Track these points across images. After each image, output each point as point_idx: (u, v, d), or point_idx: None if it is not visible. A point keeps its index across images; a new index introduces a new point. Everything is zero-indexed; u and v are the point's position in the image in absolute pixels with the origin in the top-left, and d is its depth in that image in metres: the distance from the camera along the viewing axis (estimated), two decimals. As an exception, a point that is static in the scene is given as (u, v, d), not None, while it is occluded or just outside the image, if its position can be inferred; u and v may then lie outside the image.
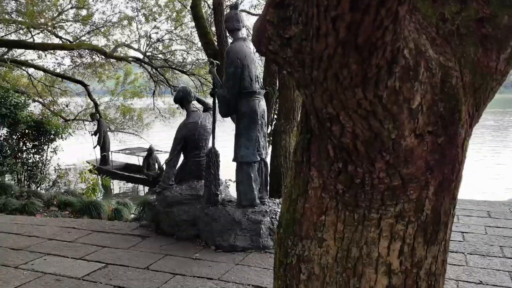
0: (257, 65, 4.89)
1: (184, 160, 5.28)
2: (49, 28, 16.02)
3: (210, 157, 4.85)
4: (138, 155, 15.80)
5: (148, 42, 17.52)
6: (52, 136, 8.74)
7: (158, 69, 16.50)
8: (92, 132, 16.14)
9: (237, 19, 4.80)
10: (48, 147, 8.86)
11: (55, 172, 9.33)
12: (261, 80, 4.93)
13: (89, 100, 19.51)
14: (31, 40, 16.80)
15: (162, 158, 15.05)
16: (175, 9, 17.17)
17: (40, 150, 8.78)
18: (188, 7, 16.27)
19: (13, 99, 7.86)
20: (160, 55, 17.55)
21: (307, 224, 1.07)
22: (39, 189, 8.56)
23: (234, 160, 4.88)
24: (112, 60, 18.55)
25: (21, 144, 8.70)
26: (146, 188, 14.75)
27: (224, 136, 8.60)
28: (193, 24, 17.42)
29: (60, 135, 8.71)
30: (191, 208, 4.98)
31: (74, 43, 15.49)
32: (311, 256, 1.07)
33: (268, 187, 5.05)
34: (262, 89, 4.87)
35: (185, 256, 4.38)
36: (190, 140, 5.17)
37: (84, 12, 18.12)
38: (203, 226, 4.81)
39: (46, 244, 4.79)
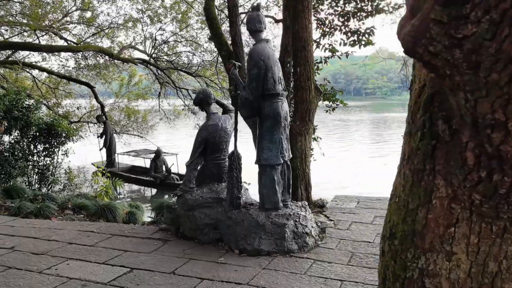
0: (279, 66, 4.84)
1: (204, 162, 5.22)
2: (55, 30, 15.99)
3: (232, 160, 4.79)
4: (144, 157, 15.76)
5: (153, 44, 17.49)
6: (63, 139, 8.68)
7: (164, 70, 16.43)
8: (98, 134, 16.09)
9: (259, 20, 4.76)
10: (59, 150, 8.80)
11: (65, 174, 9.27)
12: (283, 81, 4.87)
13: (93, 102, 19.50)
14: (37, 42, 16.79)
15: (169, 160, 15.01)
16: (181, 10, 17.14)
17: (50, 153, 8.71)
18: (195, 9, 16.30)
19: (25, 101, 7.81)
20: (165, 57, 17.51)
21: (431, 236, 1.01)
22: (49, 191, 8.49)
23: (256, 162, 4.82)
24: (116, 61, 18.55)
25: (32, 146, 8.64)
26: (154, 190, 14.70)
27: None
28: (198, 25, 17.53)
29: (70, 138, 8.66)
30: (212, 212, 4.93)
31: (81, 45, 15.40)
32: (437, 270, 1.00)
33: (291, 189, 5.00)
34: (285, 91, 4.82)
35: (210, 260, 4.32)
36: (210, 142, 5.11)
37: (89, 14, 18.10)
38: (225, 229, 4.75)
39: (67, 248, 4.73)
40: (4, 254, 4.55)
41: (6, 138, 8.11)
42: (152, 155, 15.18)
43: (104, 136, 15.96)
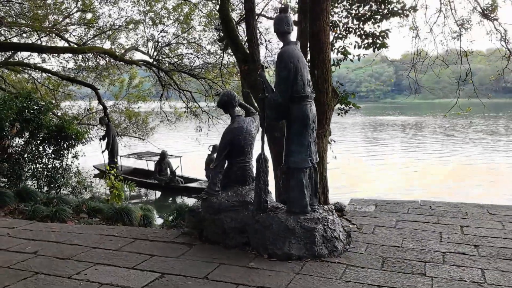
0: (308, 69, 4.80)
1: (229, 165, 5.15)
2: (57, 32, 15.86)
3: (260, 163, 4.73)
4: (147, 160, 15.65)
5: (155, 46, 17.39)
6: (72, 141, 8.57)
7: (168, 72, 16.35)
8: (101, 137, 15.97)
9: (288, 22, 4.72)
10: (68, 152, 8.69)
11: (75, 177, 9.15)
12: (312, 83, 4.82)
13: (92, 104, 19.34)
14: (38, 43, 16.64)
15: (173, 163, 14.92)
16: (183, 12, 17.06)
17: (60, 155, 8.60)
18: (199, 8, 16.21)
19: (37, 103, 7.70)
20: (167, 59, 17.43)
21: None
22: (58, 194, 8.37)
23: (284, 165, 4.78)
24: (117, 63, 18.44)
25: (41, 149, 8.52)
26: (158, 193, 14.62)
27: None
28: (200, 28, 17.45)
29: (80, 140, 8.56)
30: (239, 215, 4.86)
31: (86, 46, 15.28)
32: None
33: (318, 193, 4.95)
34: (313, 93, 4.77)
35: (240, 265, 4.25)
36: (235, 145, 5.05)
37: (90, 16, 17.96)
38: (253, 233, 4.68)
39: (92, 253, 4.64)
40: (28, 259, 4.46)
41: (16, 140, 8.00)
42: (156, 158, 15.10)
43: (106, 138, 15.83)
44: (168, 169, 14.34)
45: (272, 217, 4.64)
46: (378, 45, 7.84)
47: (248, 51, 7.16)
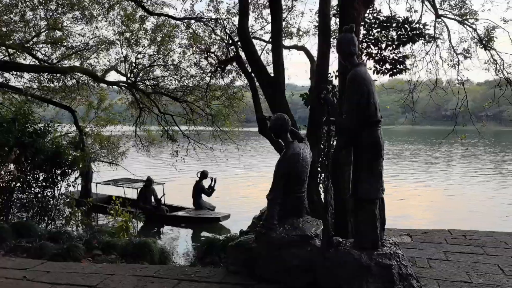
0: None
1: (284, 196, 4.69)
2: (28, 50, 14.88)
3: (327, 194, 4.33)
4: (129, 187, 14.69)
5: (132, 68, 16.68)
6: (66, 169, 7.74)
7: (149, 95, 15.66)
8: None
9: (354, 43, 4.44)
10: (62, 180, 7.85)
11: (68, 208, 8.26)
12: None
13: (66, 128, 18.14)
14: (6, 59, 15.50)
15: (157, 190, 14.11)
16: (162, 32, 16.48)
17: (53, 184, 7.74)
18: (180, 29, 15.72)
19: (33, 125, 6.89)
20: (147, 81, 16.76)
21: None
22: (50, 227, 7.51)
23: (353, 196, 4.41)
24: (91, 84, 17.56)
25: (31, 176, 7.64)
26: (140, 224, 13.68)
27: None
28: (179, 50, 16.93)
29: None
30: (301, 251, 4.39)
31: (68, 66, 14.39)
32: None
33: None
34: (382, 118, 4.47)
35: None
36: (292, 175, 4.62)
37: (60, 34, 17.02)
38: (323, 272, 4.23)
39: (139, 300, 4.01)
40: (68, 310, 3.77)
41: (10, 167, 7.10)
42: (136, 184, 14.24)
43: (80, 164, 14.78)
44: (153, 197, 13.51)
45: (344, 253, 4.22)
46: (396, 71, 7.74)
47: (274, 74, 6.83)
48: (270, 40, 7.44)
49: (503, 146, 47.66)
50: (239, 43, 9.72)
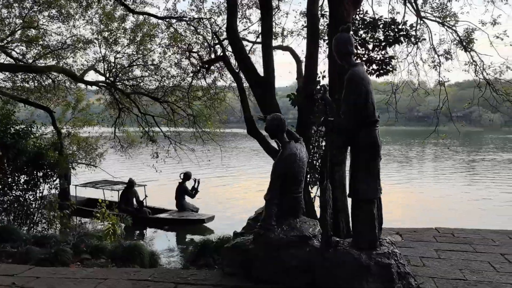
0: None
1: (281, 196, 4.65)
2: (4, 49, 14.43)
3: (325, 195, 4.31)
4: (105, 189, 14.39)
5: (111, 67, 16.35)
6: (48, 170, 7.50)
7: (130, 95, 15.38)
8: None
9: (351, 43, 4.45)
10: (44, 183, 7.60)
11: (51, 212, 7.99)
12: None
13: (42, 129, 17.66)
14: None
15: (139, 192, 13.88)
16: (142, 31, 16.20)
17: (34, 187, 7.49)
18: (161, 29, 15.50)
19: (14, 125, 6.63)
20: (126, 82, 16.46)
21: None
22: (33, 231, 7.27)
23: (350, 196, 4.41)
24: (69, 84, 17.14)
25: (12, 179, 7.37)
26: (121, 225, 13.44)
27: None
28: (160, 49, 16.70)
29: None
30: (300, 252, 4.36)
31: (45, 65, 13.97)
32: None
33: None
34: (379, 118, 4.49)
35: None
36: (289, 175, 4.58)
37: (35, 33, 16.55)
38: (322, 272, 4.22)
39: (137, 304, 3.91)
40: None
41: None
42: (116, 186, 13.97)
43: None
44: (135, 199, 13.27)
45: (344, 253, 4.22)
46: (385, 71, 7.79)
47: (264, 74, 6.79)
48: (258, 40, 7.39)
49: (474, 146, 48.98)
50: (224, 41, 9.66)
